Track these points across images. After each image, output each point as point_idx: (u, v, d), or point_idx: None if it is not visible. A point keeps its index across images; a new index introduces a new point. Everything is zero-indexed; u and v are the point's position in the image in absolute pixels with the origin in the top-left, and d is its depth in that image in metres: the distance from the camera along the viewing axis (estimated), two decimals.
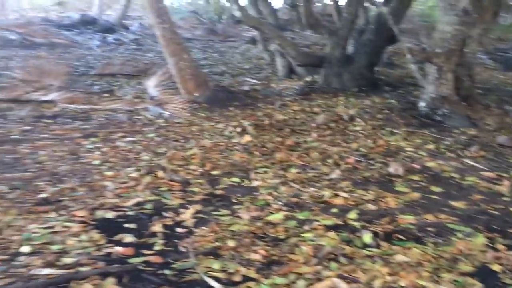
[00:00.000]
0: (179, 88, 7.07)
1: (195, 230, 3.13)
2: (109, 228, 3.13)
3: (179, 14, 19.04)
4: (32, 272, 2.56)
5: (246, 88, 8.15)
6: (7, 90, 7.54)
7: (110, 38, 14.46)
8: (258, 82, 8.77)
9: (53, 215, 3.32)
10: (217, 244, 2.90)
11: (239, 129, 5.50)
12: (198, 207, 3.50)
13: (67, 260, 2.65)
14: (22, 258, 2.72)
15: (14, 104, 6.62)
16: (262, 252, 2.80)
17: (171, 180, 3.99)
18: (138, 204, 3.55)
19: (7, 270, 2.57)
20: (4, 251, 2.84)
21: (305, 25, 9.23)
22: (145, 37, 15.04)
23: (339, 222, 3.25)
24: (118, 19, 16.79)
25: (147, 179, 4.02)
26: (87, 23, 16.18)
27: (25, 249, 2.85)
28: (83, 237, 2.98)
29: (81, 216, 3.28)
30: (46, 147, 4.87)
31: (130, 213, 3.41)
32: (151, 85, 7.27)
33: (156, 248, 2.89)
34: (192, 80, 7.05)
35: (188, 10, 21.15)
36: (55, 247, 2.83)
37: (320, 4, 18.64)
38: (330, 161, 4.63)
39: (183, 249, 2.86)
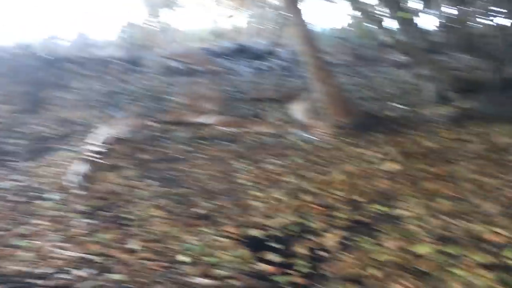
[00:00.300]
0: (325, 113, 7.17)
1: (339, 255, 3.14)
2: (256, 246, 3.31)
3: (325, 39, 19.33)
4: (188, 279, 2.82)
5: (393, 113, 7.93)
6: (171, 114, 8.45)
7: (260, 64, 15.29)
8: (406, 107, 8.46)
9: (207, 229, 3.63)
10: (361, 271, 2.88)
11: (385, 156, 5.38)
12: (342, 232, 3.50)
13: (220, 272, 2.88)
14: (180, 266, 3.02)
15: (177, 126, 7.36)
16: (408, 284, 2.70)
17: (316, 204, 4.07)
18: (283, 225, 3.69)
19: (166, 276, 2.88)
20: (165, 258, 3.19)
21: (460, 47, 8.69)
22: (293, 64, 15.56)
23: (494, 260, 2.99)
24: (268, 47, 17.67)
25: (293, 201, 4.16)
26: (240, 51, 17.33)
27: (183, 258, 3.16)
28: (233, 252, 3.20)
29: (232, 232, 3.53)
30: (202, 167, 5.33)
31: (275, 233, 3.56)
32: (298, 109, 7.50)
33: (300, 269, 2.97)
34: (338, 105, 7.10)
35: (334, 35, 21.35)
36: (209, 259, 3.08)
37: (477, 25, 17.32)
38: (484, 193, 4.27)
39: (326, 273, 2.90)
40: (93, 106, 9.63)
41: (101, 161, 5.32)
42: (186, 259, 3.13)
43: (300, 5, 7.44)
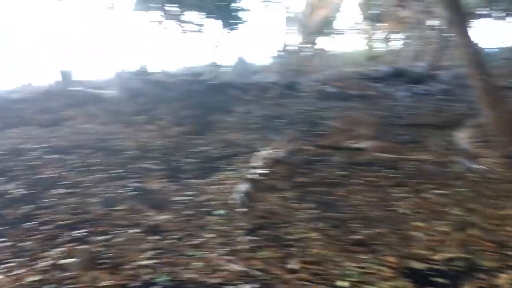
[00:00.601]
0: (494, 141, 6.58)
1: None
2: (419, 279, 3.18)
3: (493, 60, 17.81)
4: None
5: None
6: (326, 137, 8.58)
7: (418, 88, 14.68)
8: None
9: (366, 256, 3.59)
10: None
11: None
12: None
13: None
14: None
15: (332, 150, 7.44)
16: None
17: (487, 240, 3.75)
18: (448, 259, 3.48)
19: None
20: (324, 281, 3.23)
21: None
22: (455, 87, 14.63)
23: None
24: (427, 70, 16.92)
25: (458, 235, 3.90)
26: (396, 75, 16.89)
27: (342, 284, 3.17)
28: (394, 282, 3.12)
29: (392, 262, 3.44)
30: (359, 192, 5.29)
31: (439, 267, 3.37)
32: (462, 137, 7.02)
33: None
34: (509, 133, 6.47)
35: (503, 56, 19.56)
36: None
37: None
38: None
39: None
40: (253, 129, 10.24)
41: (262, 181, 5.61)
42: (345, 284, 3.13)
43: (466, 25, 7.02)
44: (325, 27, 26.73)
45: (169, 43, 25.15)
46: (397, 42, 26.81)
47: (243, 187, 5.39)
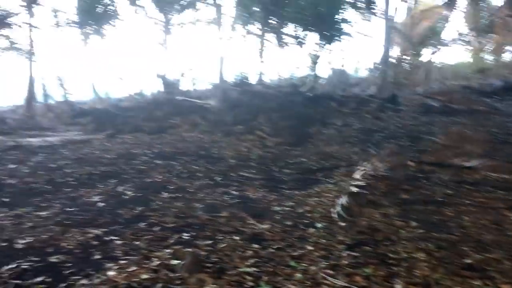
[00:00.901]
0: None
1: None
2: None
3: None
4: None
5: None
6: (430, 154, 8.19)
7: None
8: None
9: (478, 282, 3.36)
10: None
11: None
12: None
13: None
14: None
15: (436, 167, 7.09)
16: None
17: None
18: None
19: None
20: None
21: None
22: None
23: None
24: None
25: None
26: (507, 89, 15.71)
27: None
28: None
29: None
30: (469, 213, 4.98)
31: None
32: None
33: None
34: None
35: None
36: None
37: None
38: None
39: None
40: (351, 142, 10.09)
41: (362, 196, 5.49)
42: None
43: None
44: (428, 38, 25.68)
45: (267, 54, 25.68)
46: (509, 54, 24.97)
47: (343, 200, 5.32)
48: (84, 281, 3.56)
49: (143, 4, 23.83)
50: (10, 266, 3.85)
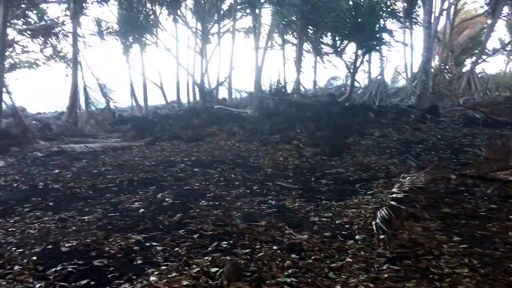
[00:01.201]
0: None
1: None
2: None
3: None
4: None
5: None
6: (471, 167, 7.96)
7: None
8: None
9: None
10: None
11: None
12: None
13: None
14: None
15: (479, 181, 6.88)
16: None
17: None
18: None
19: None
20: None
21: None
22: None
23: None
24: None
25: None
26: None
27: None
28: None
29: None
30: None
31: None
32: None
33: None
34: None
35: None
36: None
37: None
38: None
39: None
40: (389, 153, 9.93)
41: (402, 209, 5.39)
42: None
43: None
44: (470, 48, 25.08)
45: (304, 63, 25.65)
46: None
47: (383, 212, 5.24)
48: (126, 285, 3.65)
49: (182, 14, 24.30)
50: (56, 269, 3.98)
